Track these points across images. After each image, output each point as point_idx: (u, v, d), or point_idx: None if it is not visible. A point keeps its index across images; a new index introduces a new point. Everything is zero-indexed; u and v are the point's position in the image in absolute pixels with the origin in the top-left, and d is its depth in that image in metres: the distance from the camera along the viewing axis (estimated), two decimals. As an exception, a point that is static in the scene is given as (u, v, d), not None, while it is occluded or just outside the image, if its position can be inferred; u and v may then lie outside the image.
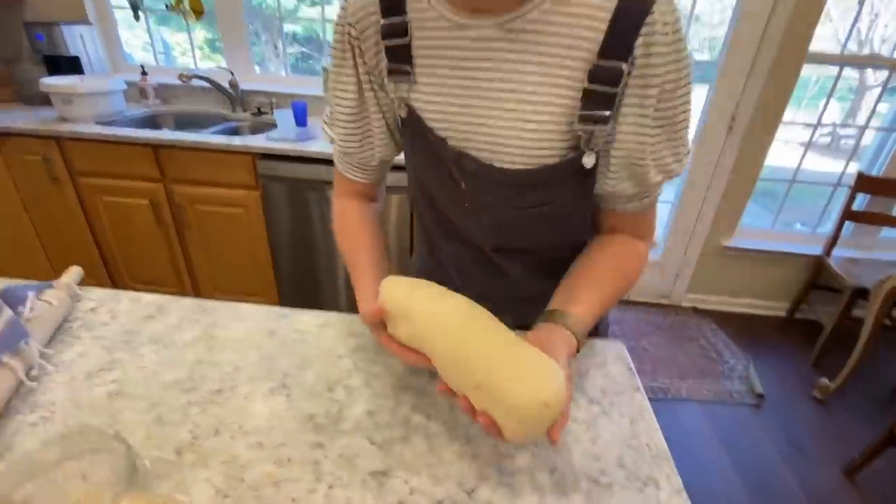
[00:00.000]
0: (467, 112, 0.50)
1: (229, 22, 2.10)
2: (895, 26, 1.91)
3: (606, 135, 0.48)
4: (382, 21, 0.50)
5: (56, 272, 2.01)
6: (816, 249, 2.20)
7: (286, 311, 0.70)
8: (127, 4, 2.07)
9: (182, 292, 1.99)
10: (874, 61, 2.09)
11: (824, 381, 1.85)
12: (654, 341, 2.12)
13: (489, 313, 0.48)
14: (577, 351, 0.48)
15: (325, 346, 0.63)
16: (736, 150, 2.05)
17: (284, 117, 1.71)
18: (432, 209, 0.63)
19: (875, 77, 2.06)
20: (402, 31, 0.49)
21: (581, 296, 0.51)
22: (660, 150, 0.48)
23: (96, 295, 0.71)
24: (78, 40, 1.98)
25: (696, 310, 2.41)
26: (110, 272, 2.00)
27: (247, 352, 0.61)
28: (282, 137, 1.68)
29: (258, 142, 1.63)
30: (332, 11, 2.11)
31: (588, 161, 0.48)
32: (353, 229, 0.64)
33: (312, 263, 1.82)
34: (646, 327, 2.23)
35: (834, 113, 2.05)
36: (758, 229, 2.31)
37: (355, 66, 0.54)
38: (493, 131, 0.49)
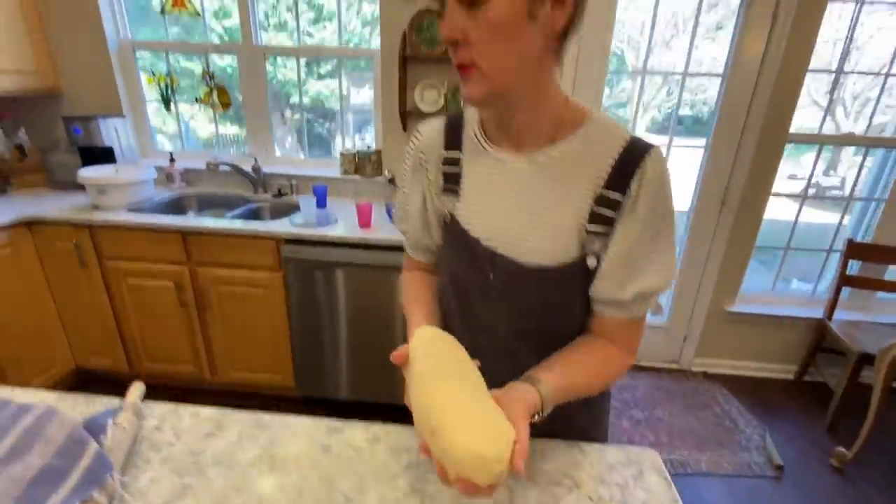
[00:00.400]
0: (501, 222, 0.63)
1: (254, 112, 2.27)
2: (870, 107, 2.10)
3: (603, 246, 0.60)
4: (444, 154, 0.68)
5: (74, 351, 2.04)
6: (818, 312, 2.26)
7: (337, 423, 0.74)
8: (159, 97, 2.26)
9: (198, 371, 2.00)
10: (849, 141, 2.27)
11: (841, 449, 1.84)
12: (669, 410, 2.13)
13: (476, 374, 0.56)
14: (542, 411, 0.55)
15: (379, 464, 0.66)
16: (730, 222, 2.16)
17: (307, 202, 1.82)
18: (458, 298, 0.73)
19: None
20: (457, 161, 0.67)
21: (556, 369, 0.60)
22: (637, 266, 0.59)
23: (158, 411, 0.75)
24: (112, 131, 2.12)
25: (705, 374, 2.43)
26: (127, 351, 2.02)
27: (307, 472, 0.65)
28: (305, 221, 1.78)
29: (284, 227, 1.73)
30: (334, 84, 2.29)
31: (591, 262, 0.61)
32: (414, 288, 0.78)
33: (327, 342, 1.86)
34: (658, 394, 2.24)
35: (818, 164, 2.25)
36: (759, 293, 2.38)
37: (422, 181, 0.71)
38: (520, 237, 0.62)
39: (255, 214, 2.14)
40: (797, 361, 2.39)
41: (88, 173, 1.85)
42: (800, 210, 2.25)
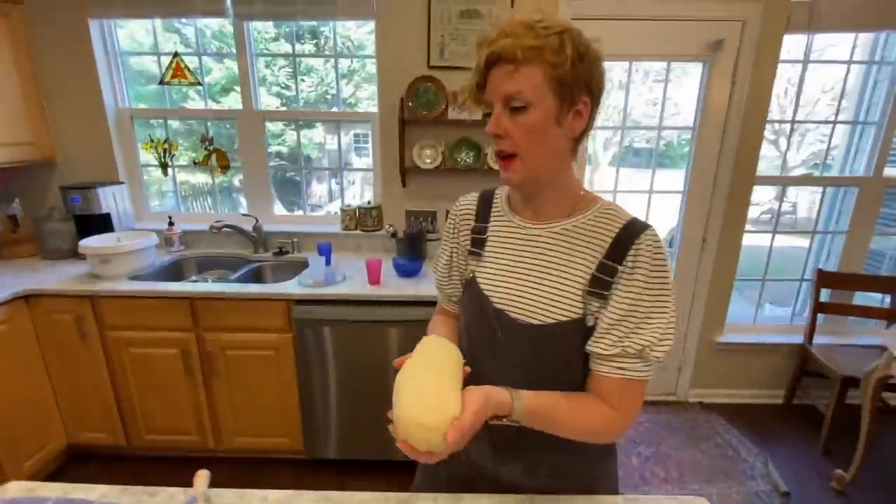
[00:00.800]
0: (512, 283, 0.74)
1: (253, 172, 2.32)
2: (821, 150, 2.34)
3: (601, 307, 0.68)
4: (474, 224, 0.82)
5: (67, 428, 1.95)
6: (798, 338, 2.41)
7: (403, 495, 0.76)
8: (155, 162, 2.28)
9: (202, 440, 1.94)
10: (807, 181, 2.51)
11: (839, 472, 1.93)
12: (673, 444, 2.18)
13: (457, 371, 0.65)
14: (509, 413, 0.63)
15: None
16: (712, 258, 2.32)
17: (315, 261, 1.85)
18: (469, 351, 0.79)
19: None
20: (484, 231, 0.81)
21: (541, 394, 0.67)
22: (632, 326, 0.66)
23: (228, 499, 0.75)
24: (109, 197, 2.12)
25: (702, 405, 2.51)
26: (125, 424, 1.94)
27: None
28: (314, 280, 1.80)
29: (295, 288, 1.75)
30: (313, 134, 2.37)
31: (589, 321, 0.69)
32: (437, 324, 0.90)
33: (337, 401, 1.85)
34: (661, 429, 2.30)
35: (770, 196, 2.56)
36: (743, 323, 2.52)
37: (453, 242, 0.86)
38: (528, 296, 0.72)
39: (257, 274, 2.15)
40: (784, 386, 2.51)
41: (91, 243, 1.84)
42: (772, 244, 2.44)
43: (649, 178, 2.31)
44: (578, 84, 0.65)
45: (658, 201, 2.34)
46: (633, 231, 0.68)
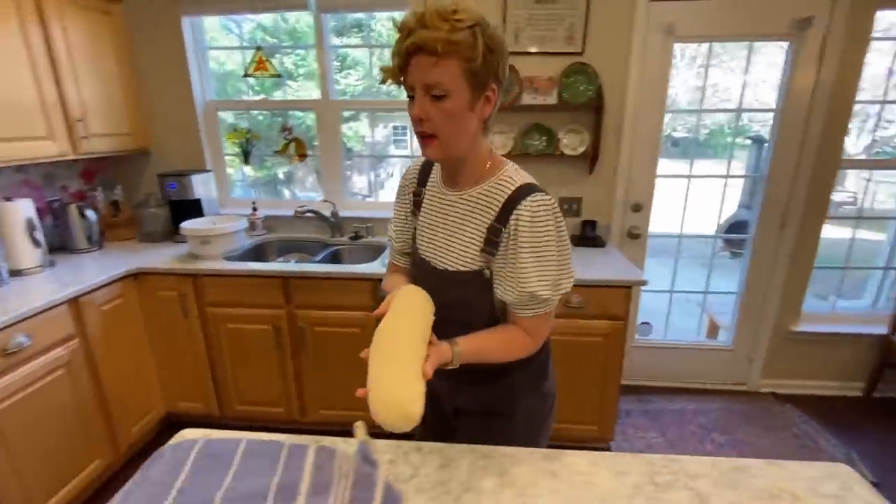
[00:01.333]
0: (433, 238, 0.91)
1: (330, 160, 2.42)
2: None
3: (492, 262, 0.83)
4: (416, 187, 0.97)
5: (166, 397, 2.10)
6: (881, 329, 2.32)
7: (549, 451, 0.81)
8: (239, 151, 2.41)
9: (287, 412, 2.06)
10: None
11: (933, 465, 1.86)
12: (749, 432, 2.15)
13: (422, 330, 0.75)
14: (451, 361, 0.77)
15: (610, 487, 0.73)
16: (791, 243, 2.25)
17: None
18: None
19: None
20: (420, 194, 0.96)
21: (471, 337, 0.81)
22: (520, 277, 0.79)
23: (383, 447, 0.82)
24: (200, 185, 2.26)
25: (775, 395, 2.45)
26: (219, 395, 2.08)
27: (549, 497, 0.71)
28: (396, 262, 1.87)
29: (379, 269, 1.83)
30: (358, 126, 2.44)
31: (486, 273, 0.84)
32: (394, 278, 1.01)
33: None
34: (734, 417, 2.27)
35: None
36: (822, 313, 2.44)
37: (402, 201, 1.00)
38: (442, 249, 0.89)
39: (335, 257, 2.24)
40: (864, 378, 2.42)
41: (190, 225, 1.97)
42: (854, 233, 2.35)
43: (705, 166, 2.26)
44: (488, 74, 0.75)
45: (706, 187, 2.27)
46: (517, 196, 0.79)
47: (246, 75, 2.30)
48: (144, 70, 2.28)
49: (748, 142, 2.89)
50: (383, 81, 0.80)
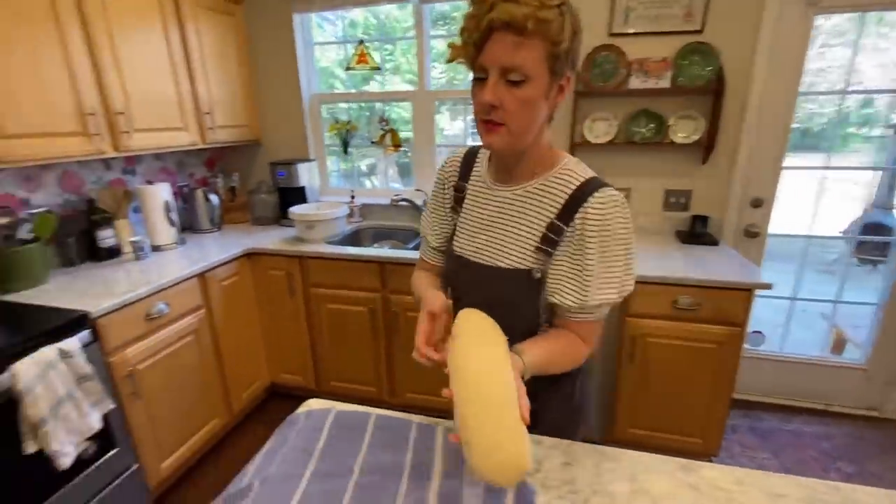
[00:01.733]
0: (475, 235, 0.83)
1: (423, 150, 2.45)
2: None
3: (548, 263, 0.76)
4: (457, 182, 0.89)
5: (270, 369, 2.28)
6: None
7: (684, 461, 0.75)
8: (339, 142, 2.53)
9: (378, 391, 2.14)
10: None
11: None
12: (883, 464, 1.86)
13: (507, 373, 0.61)
14: (523, 376, 0.67)
15: (764, 509, 0.65)
16: (956, 250, 1.90)
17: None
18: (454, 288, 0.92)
19: None
20: (463, 189, 0.88)
21: (536, 347, 0.73)
22: (584, 282, 0.72)
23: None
24: (305, 173, 2.41)
25: (920, 426, 2.10)
26: (317, 371, 2.22)
27: (692, 510, 0.65)
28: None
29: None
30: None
31: (536, 273, 0.76)
32: (423, 278, 0.95)
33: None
34: (865, 446, 1.98)
35: None
36: None
37: (442, 195, 0.93)
38: (486, 246, 0.81)
39: (426, 245, 2.28)
40: None
41: (298, 210, 2.11)
42: None
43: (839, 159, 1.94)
44: (567, 60, 0.68)
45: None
46: (583, 193, 0.72)
47: (349, 69, 2.40)
48: (259, 66, 2.47)
49: (890, 131, 2.48)
50: (450, 60, 0.72)
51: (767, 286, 1.57)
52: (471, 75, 0.70)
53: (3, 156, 1.42)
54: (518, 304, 0.79)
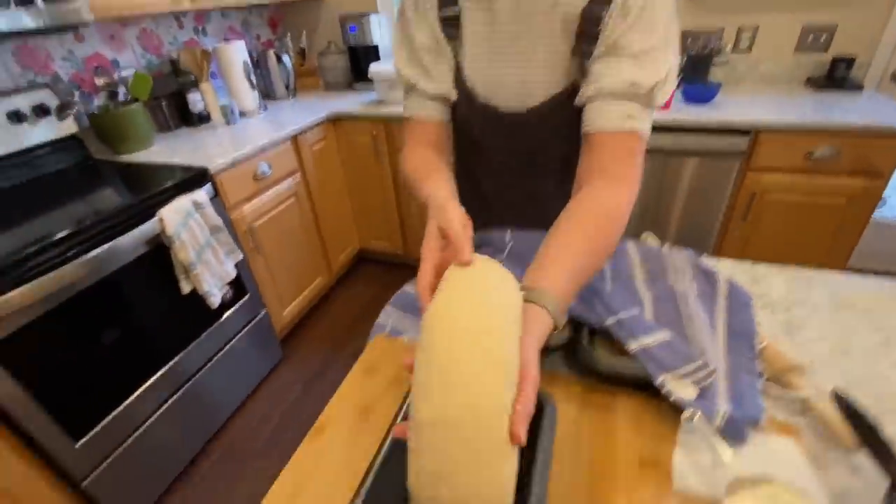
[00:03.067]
0: (491, 58, 0.68)
1: None
2: None
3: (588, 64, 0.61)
4: (438, 8, 0.68)
5: (360, 233, 2.37)
6: None
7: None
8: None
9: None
10: None
11: None
12: None
13: (510, 334, 0.38)
14: (556, 327, 0.45)
15: None
16: None
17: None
18: (471, 143, 0.78)
19: None
20: (454, 12, 0.67)
21: (560, 260, 0.50)
22: (622, 61, 0.57)
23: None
24: (376, 28, 2.21)
25: None
26: (405, 235, 2.29)
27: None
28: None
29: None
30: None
31: (578, 101, 0.62)
32: (427, 162, 0.70)
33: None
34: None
35: None
36: None
37: (421, 20, 0.69)
38: (515, 68, 0.66)
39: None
40: None
41: (378, 68, 1.98)
42: None
43: None
44: None
45: None
46: None
47: None
48: None
49: None
50: None
51: (928, 131, 1.37)
52: None
53: (100, 8, 1.36)
54: (568, 136, 0.65)
